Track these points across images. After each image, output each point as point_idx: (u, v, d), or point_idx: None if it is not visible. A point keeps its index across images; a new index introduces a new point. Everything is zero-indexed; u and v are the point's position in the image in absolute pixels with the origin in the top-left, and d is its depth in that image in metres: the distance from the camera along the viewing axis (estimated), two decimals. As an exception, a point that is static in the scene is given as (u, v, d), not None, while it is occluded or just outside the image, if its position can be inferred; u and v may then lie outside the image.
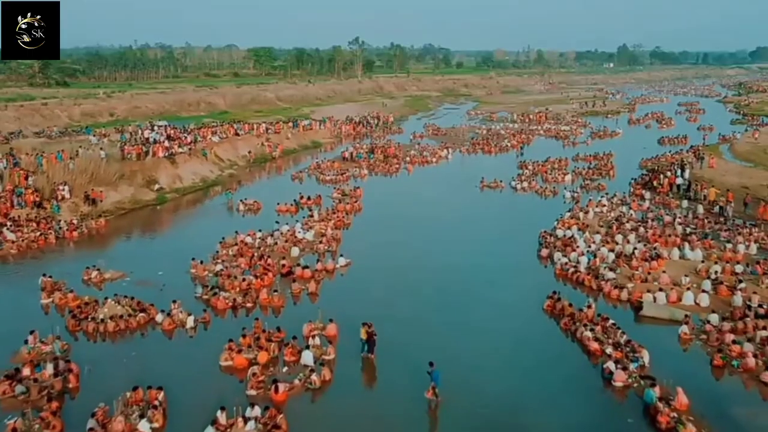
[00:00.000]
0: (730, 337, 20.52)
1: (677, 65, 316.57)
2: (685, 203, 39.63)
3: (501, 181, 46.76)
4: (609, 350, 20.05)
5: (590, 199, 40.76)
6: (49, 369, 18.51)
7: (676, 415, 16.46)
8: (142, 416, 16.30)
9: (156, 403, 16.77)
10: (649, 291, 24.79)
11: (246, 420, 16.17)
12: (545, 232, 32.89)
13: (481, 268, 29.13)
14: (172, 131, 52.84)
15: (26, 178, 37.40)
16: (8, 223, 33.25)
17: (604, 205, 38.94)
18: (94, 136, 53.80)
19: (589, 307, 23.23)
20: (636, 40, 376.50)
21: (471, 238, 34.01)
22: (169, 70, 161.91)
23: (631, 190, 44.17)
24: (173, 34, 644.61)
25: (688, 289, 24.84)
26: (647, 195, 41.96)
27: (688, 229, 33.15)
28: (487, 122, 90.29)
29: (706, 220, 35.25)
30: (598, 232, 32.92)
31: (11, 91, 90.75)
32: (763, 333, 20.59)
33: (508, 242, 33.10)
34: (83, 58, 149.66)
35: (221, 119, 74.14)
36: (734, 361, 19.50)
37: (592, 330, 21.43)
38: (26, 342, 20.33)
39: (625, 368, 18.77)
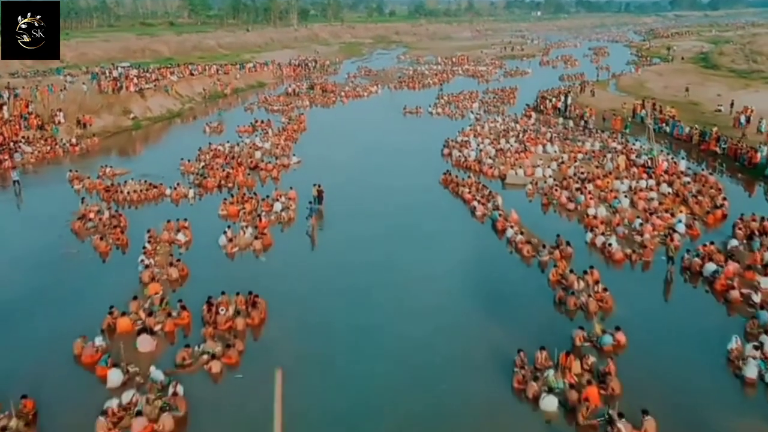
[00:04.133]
0: (554, 188, 31.46)
1: (600, 13, 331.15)
2: (560, 120, 50.73)
3: (420, 108, 56.87)
4: (478, 197, 30.59)
5: (488, 118, 51.45)
6: (107, 213, 27.84)
7: (509, 223, 27.08)
8: (178, 231, 25.86)
9: (185, 225, 26.35)
10: (512, 168, 35.56)
11: (245, 232, 25.91)
12: (448, 138, 43.26)
13: (398, 161, 39.41)
14: (136, 71, 60.44)
15: (27, 106, 45.17)
16: (22, 141, 41.27)
17: (498, 122, 49.65)
18: (64, 76, 60.81)
19: (470, 177, 33.82)
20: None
21: (392, 145, 44.17)
22: (103, 19, 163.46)
23: (524, 112, 54.97)
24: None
25: (539, 166, 35.69)
26: (534, 115, 52.90)
27: (554, 135, 44.17)
28: (414, 65, 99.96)
29: (571, 130, 46.46)
30: (488, 138, 43.51)
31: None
32: (576, 185, 31.57)
33: (420, 146, 43.37)
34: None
35: (167, 65, 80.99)
36: (554, 200, 30.44)
37: (469, 189, 31.97)
38: (82, 201, 29.45)
39: (483, 205, 29.40)
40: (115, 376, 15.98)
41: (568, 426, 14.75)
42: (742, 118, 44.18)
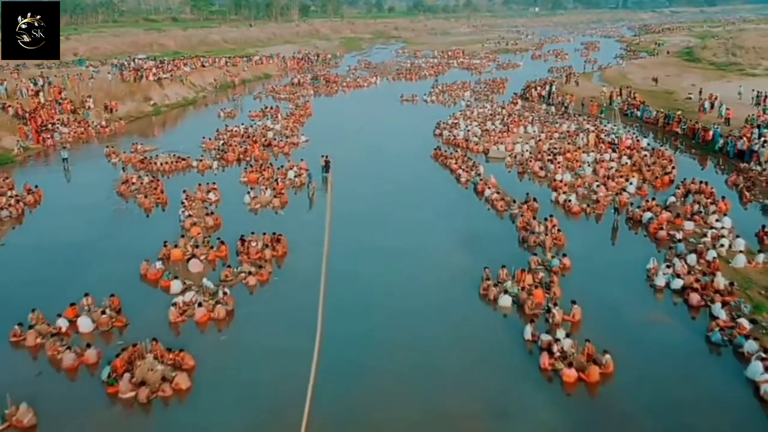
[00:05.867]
0: (529, 160, 36.39)
1: (597, 9, 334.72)
2: (543, 106, 55.67)
3: (416, 96, 61.81)
4: (463, 167, 35.49)
5: (478, 105, 56.40)
6: (146, 179, 32.79)
7: (487, 185, 31.94)
8: (208, 192, 30.78)
9: (215, 187, 31.29)
10: (495, 145, 40.50)
11: (265, 192, 30.82)
12: (440, 120, 48.14)
13: (394, 140, 44.29)
14: (152, 62, 65.37)
15: (60, 93, 50.06)
16: (58, 123, 46.16)
17: (486, 108, 54.57)
18: (87, 66, 65.73)
19: (456, 152, 38.75)
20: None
21: (389, 127, 49.19)
22: (107, 15, 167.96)
23: (511, 99, 59.86)
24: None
25: (518, 143, 40.61)
26: (520, 102, 57.83)
27: (535, 118, 49.10)
28: (411, 58, 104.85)
29: (552, 114, 51.40)
30: (476, 121, 48.41)
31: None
32: (548, 157, 36.50)
33: (414, 129, 48.19)
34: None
35: (180, 57, 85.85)
36: (529, 169, 35.37)
37: (455, 161, 36.88)
38: (123, 170, 34.40)
39: (467, 172, 34.32)
40: (176, 286, 20.93)
41: (519, 317, 19.67)
42: (706, 104, 49.00)
